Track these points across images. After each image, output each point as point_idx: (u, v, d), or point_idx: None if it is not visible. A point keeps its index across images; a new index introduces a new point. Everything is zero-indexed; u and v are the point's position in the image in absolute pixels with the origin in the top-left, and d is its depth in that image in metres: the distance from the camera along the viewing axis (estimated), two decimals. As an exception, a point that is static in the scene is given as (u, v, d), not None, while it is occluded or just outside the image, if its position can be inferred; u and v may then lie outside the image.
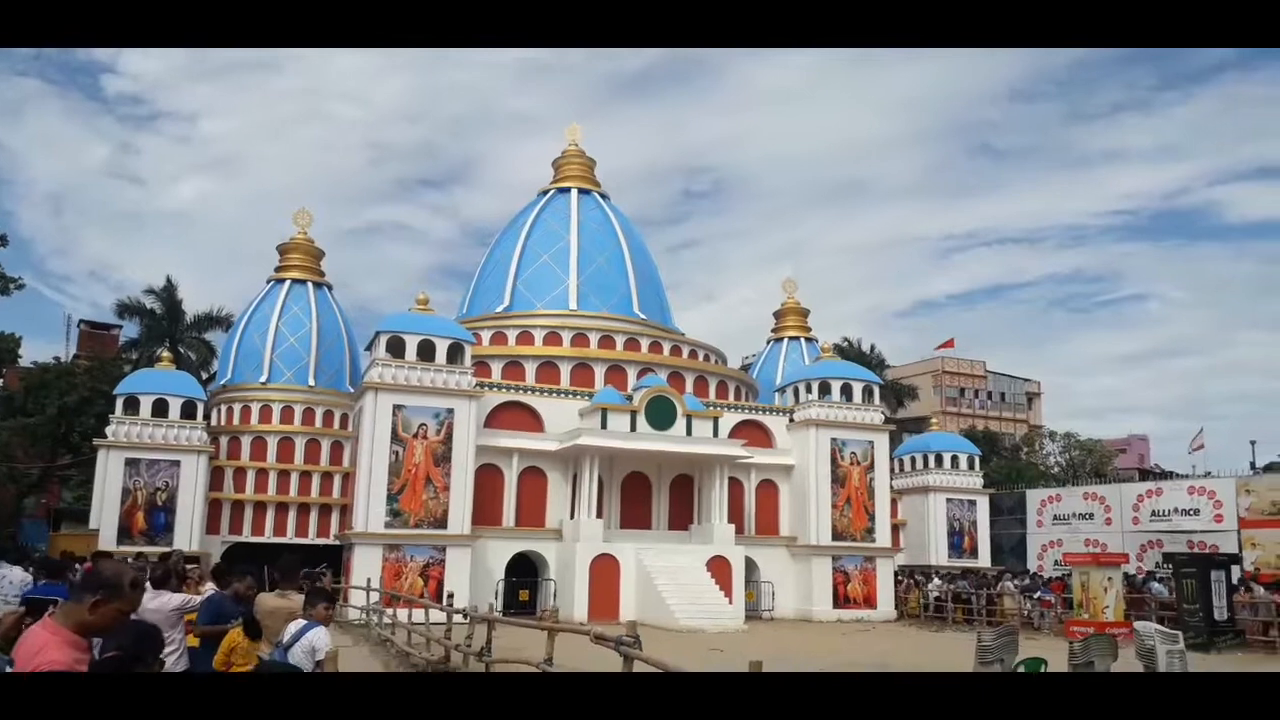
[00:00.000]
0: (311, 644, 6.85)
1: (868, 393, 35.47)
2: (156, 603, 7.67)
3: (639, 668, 8.33)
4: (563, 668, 10.70)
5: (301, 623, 7.10)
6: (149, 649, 3.80)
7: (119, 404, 30.68)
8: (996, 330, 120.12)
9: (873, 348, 57.54)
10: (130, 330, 47.50)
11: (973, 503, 38.98)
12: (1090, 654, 13.32)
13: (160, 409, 30.65)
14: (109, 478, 29.66)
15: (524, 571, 30.37)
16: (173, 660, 7.40)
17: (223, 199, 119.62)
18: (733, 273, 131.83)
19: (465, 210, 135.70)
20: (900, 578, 34.69)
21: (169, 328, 44.95)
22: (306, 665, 6.77)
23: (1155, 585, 28.97)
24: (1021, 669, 11.67)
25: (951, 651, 20.45)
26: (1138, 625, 13.96)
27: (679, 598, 27.39)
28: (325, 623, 7.17)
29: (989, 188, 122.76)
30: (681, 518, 32.57)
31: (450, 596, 18.27)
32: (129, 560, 15.84)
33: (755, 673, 6.27)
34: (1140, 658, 13.42)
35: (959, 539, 38.34)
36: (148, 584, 7.29)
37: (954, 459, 39.37)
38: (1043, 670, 11.75)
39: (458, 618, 16.35)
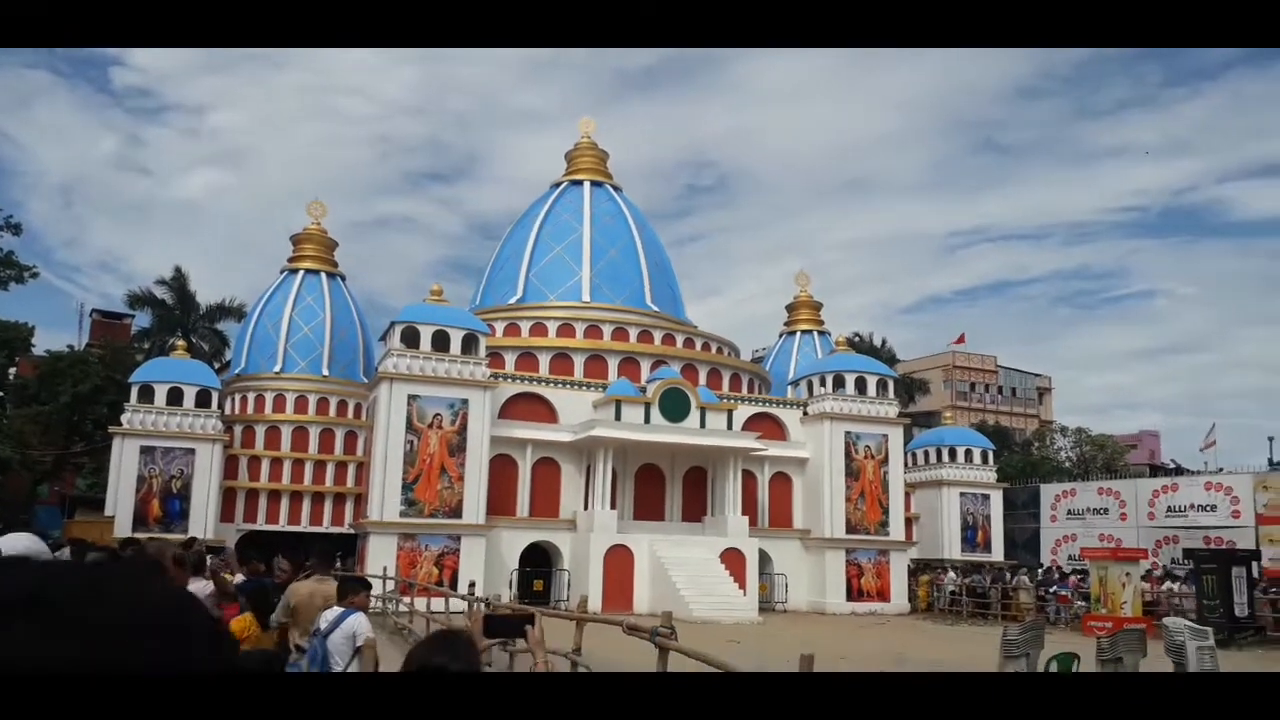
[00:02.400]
0: (352, 630, 6.77)
1: (882, 386, 35.34)
2: (195, 586, 7.62)
3: (674, 660, 8.24)
4: (594, 659, 10.63)
5: (338, 610, 7.02)
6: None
7: (134, 392, 30.72)
8: (1003, 326, 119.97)
9: (884, 342, 57.44)
10: (142, 320, 47.59)
11: (986, 497, 38.85)
12: (1119, 650, 13.21)
13: (175, 397, 30.68)
14: (124, 465, 29.71)
15: (538, 562, 30.34)
16: None
17: (231, 191, 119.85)
18: (738, 268, 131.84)
19: (471, 204, 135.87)
20: (924, 572, 34.58)
21: (181, 317, 44.98)
22: (346, 652, 6.70)
23: (1170, 584, 28.82)
24: (1054, 666, 11.58)
25: (972, 646, 20.36)
26: (1166, 621, 13.85)
27: (693, 589, 27.33)
28: (364, 609, 7.09)
29: (995, 184, 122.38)
30: (695, 510, 32.51)
31: (472, 585, 18.22)
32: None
33: (805, 673, 6.18)
34: (1169, 654, 13.30)
35: (972, 533, 38.22)
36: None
37: (967, 453, 39.24)
38: (1075, 667, 11.65)
39: (480, 607, 16.28)
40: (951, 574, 33.49)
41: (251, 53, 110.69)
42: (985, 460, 39.63)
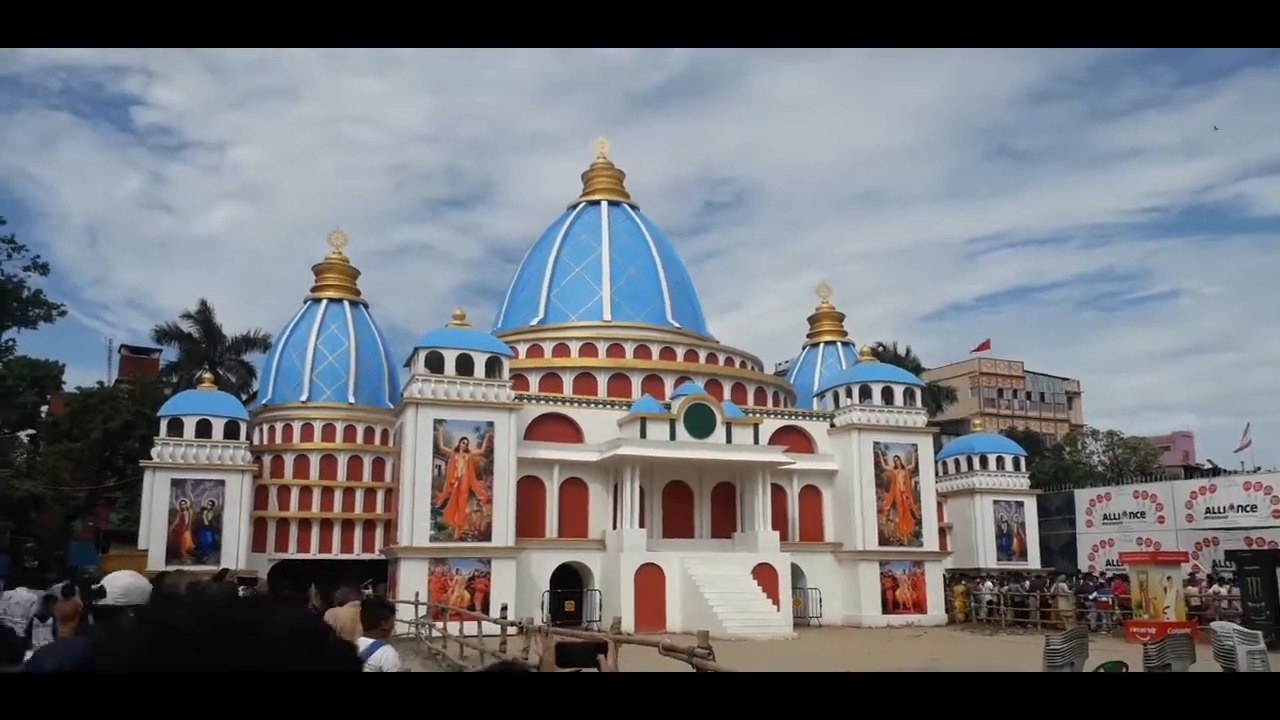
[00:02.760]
0: (379, 665, 6.54)
1: (909, 395, 35.04)
2: None
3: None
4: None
5: (367, 642, 6.81)
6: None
7: (163, 425, 30.98)
8: (1027, 331, 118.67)
9: (908, 351, 57.05)
10: (170, 354, 48.08)
11: (1020, 504, 38.33)
12: (1166, 655, 12.93)
13: (204, 430, 30.91)
14: (155, 498, 29.93)
15: (568, 583, 30.22)
16: None
17: (252, 225, 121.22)
18: (757, 282, 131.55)
19: (490, 229, 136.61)
20: (958, 582, 34.11)
21: (208, 350, 45.37)
22: None
23: (1217, 587, 28.21)
24: (1101, 672, 11.32)
25: (1014, 656, 20.01)
26: (1215, 625, 13.56)
27: (726, 606, 27.09)
28: (387, 637, 6.92)
29: (1011, 190, 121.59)
30: (724, 526, 32.29)
31: (504, 609, 18.14)
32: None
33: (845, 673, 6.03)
34: (1219, 658, 13.01)
35: (1007, 541, 37.69)
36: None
37: (999, 460, 38.77)
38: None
39: (511, 630, 16.21)
40: (989, 583, 33.01)
41: (265, 87, 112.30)
42: (1017, 467, 39.14)
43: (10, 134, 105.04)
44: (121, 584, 4.22)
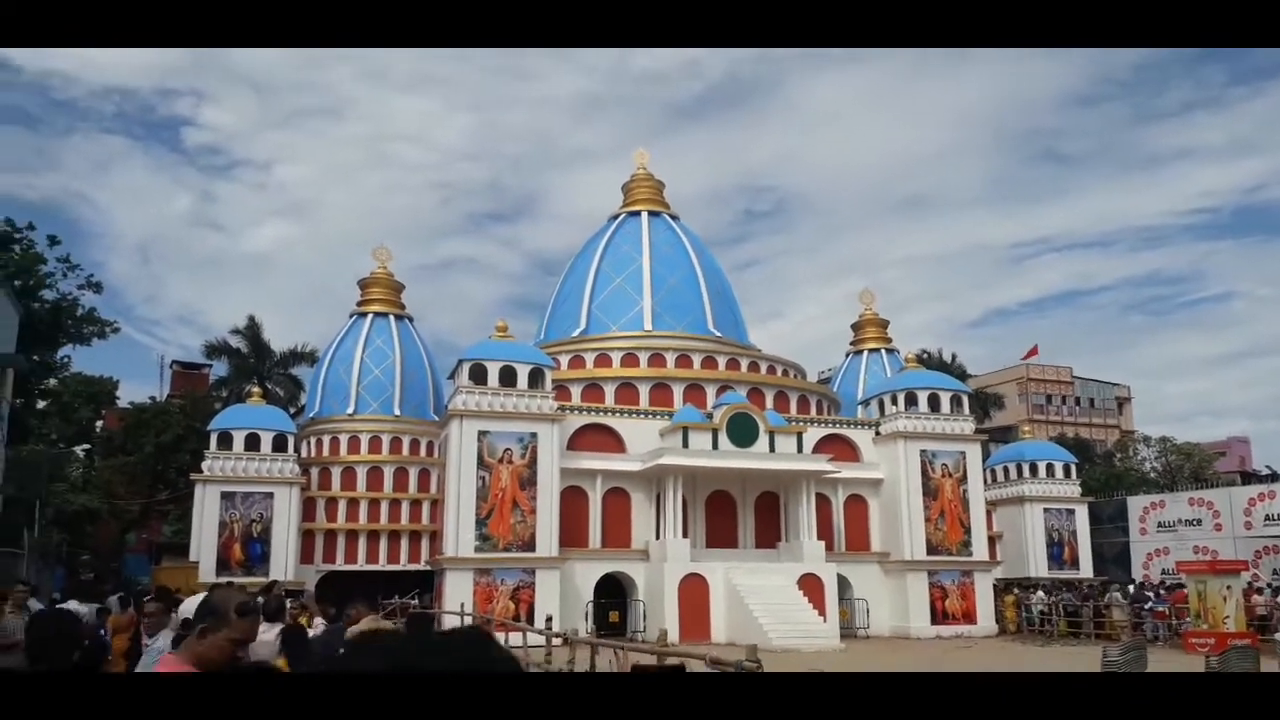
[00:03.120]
0: None
1: (956, 402, 34.55)
2: (268, 635, 7.62)
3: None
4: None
5: None
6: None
7: (213, 439, 31.51)
8: (1075, 336, 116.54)
9: (954, 357, 56.26)
10: (219, 369, 48.98)
11: (1071, 512, 37.52)
12: (1230, 667, 12.55)
13: (253, 443, 31.38)
14: (206, 511, 30.42)
15: (612, 593, 30.17)
16: None
17: (299, 242, 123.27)
18: (798, 290, 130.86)
19: (532, 242, 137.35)
20: (1008, 591, 33.46)
21: (256, 365, 46.13)
22: None
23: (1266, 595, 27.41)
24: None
25: (1069, 667, 19.54)
26: (1280, 634, 13.15)
27: (771, 617, 26.84)
28: None
29: (1056, 194, 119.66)
30: (768, 535, 32.04)
31: (549, 620, 18.13)
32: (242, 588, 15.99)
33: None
34: (1285, 669, 12.60)
35: (1059, 549, 36.91)
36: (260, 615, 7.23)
37: (1049, 467, 38.01)
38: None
39: (556, 641, 16.19)
40: (1040, 593, 32.33)
41: (309, 106, 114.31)
42: (1068, 474, 38.34)
43: (66, 157, 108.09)
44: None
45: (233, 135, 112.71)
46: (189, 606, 4.49)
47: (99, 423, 43.53)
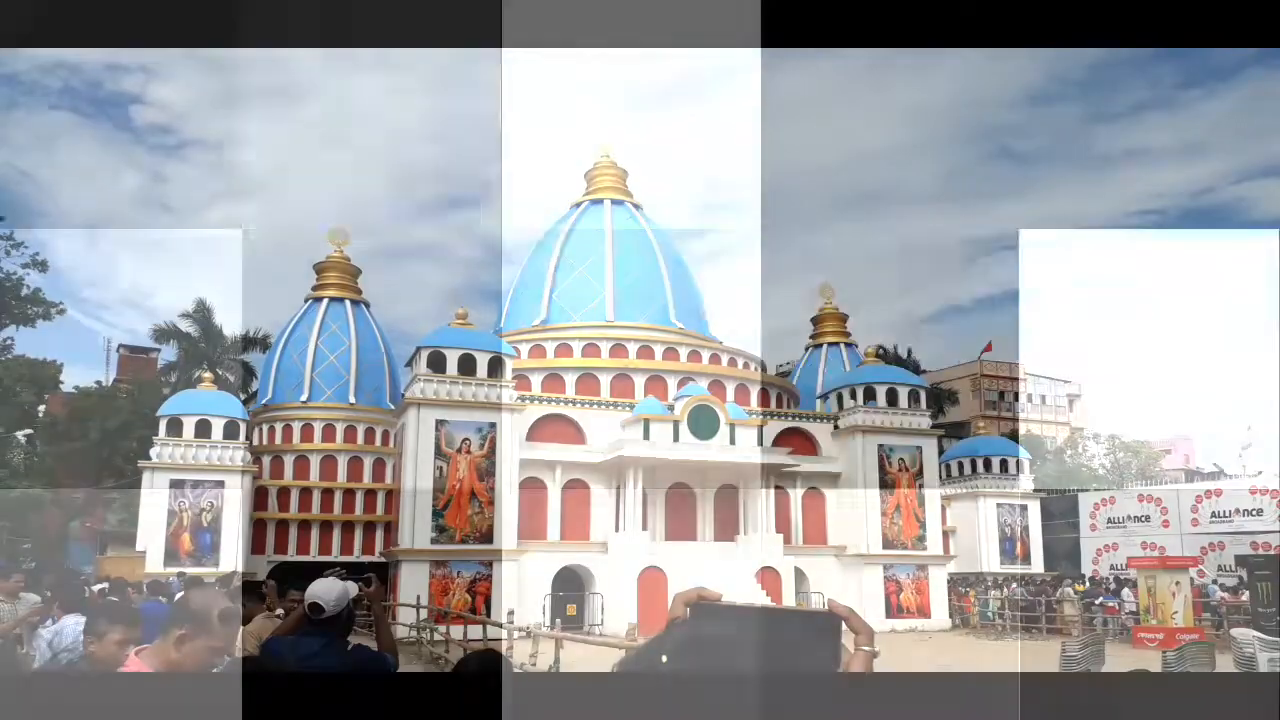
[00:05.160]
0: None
1: (913, 397, 34.83)
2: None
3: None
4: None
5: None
6: None
7: (162, 426, 30.71)
8: (1027, 333, 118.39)
9: (909, 352, 56.92)
10: (168, 354, 47.79)
11: (1024, 508, 38.07)
12: (1185, 663, 12.73)
13: (203, 430, 30.64)
14: (154, 499, 29.65)
15: (570, 585, 29.95)
16: None
17: (251, 224, 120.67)
18: (755, 284, 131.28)
19: (491, 229, 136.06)
20: (964, 588, 33.84)
21: (207, 350, 45.08)
22: None
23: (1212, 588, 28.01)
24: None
25: (1028, 662, 19.77)
26: (1235, 632, 13.36)
27: (730, 610, 26.80)
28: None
29: (1011, 192, 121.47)
30: (728, 529, 32.03)
31: (511, 614, 17.90)
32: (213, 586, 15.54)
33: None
34: (1239, 665, 12.80)
35: (1011, 545, 37.44)
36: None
37: (1003, 463, 38.53)
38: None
39: (518, 635, 15.97)
40: (994, 592, 32.73)
41: (267, 86, 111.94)
42: (1021, 470, 38.91)
43: (9, 132, 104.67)
44: (335, 594, 4.26)
45: (183, 114, 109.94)
46: (326, 597, 4.39)
47: (42, 407, 42.17)
